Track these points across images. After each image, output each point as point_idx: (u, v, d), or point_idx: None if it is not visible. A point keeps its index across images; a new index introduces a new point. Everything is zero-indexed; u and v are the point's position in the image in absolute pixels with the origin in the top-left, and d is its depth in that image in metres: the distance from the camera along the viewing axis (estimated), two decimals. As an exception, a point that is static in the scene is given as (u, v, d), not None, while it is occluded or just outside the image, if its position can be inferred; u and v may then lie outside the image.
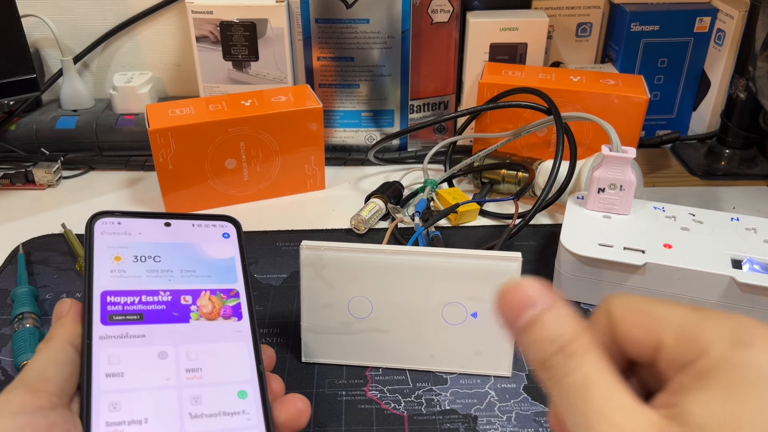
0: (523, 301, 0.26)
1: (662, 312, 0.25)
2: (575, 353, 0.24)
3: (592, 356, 0.24)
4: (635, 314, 0.25)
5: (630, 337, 0.25)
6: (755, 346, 0.22)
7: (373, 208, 0.63)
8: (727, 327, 0.23)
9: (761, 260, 0.50)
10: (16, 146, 0.73)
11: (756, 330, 0.23)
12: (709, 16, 0.74)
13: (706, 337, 0.23)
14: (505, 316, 0.26)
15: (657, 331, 0.25)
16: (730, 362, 0.22)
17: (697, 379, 0.23)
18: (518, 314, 0.26)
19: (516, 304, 0.26)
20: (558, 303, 0.25)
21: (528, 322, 0.25)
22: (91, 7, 0.78)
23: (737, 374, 0.22)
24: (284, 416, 0.35)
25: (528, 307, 0.26)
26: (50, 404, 0.30)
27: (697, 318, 0.24)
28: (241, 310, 0.38)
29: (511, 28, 0.72)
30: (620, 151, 0.54)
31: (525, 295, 0.26)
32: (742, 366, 0.22)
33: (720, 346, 0.23)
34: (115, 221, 0.38)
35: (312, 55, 0.71)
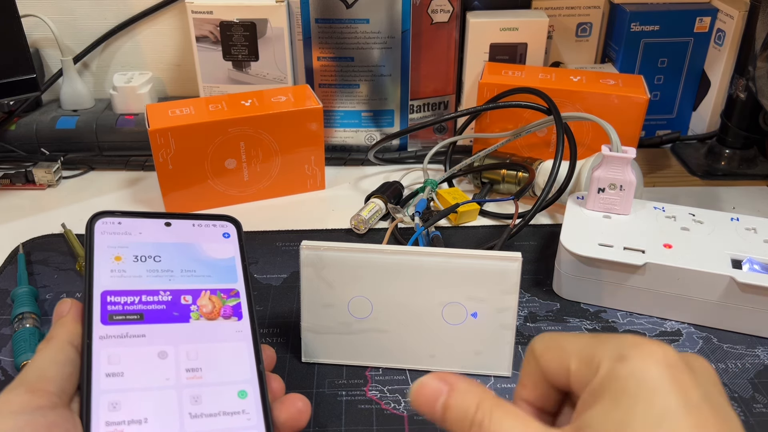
0: (432, 396, 0.30)
1: (569, 343, 0.29)
2: (482, 419, 0.28)
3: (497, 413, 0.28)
4: (549, 349, 0.29)
5: (549, 370, 0.29)
6: (632, 359, 0.26)
7: (373, 208, 0.63)
8: (614, 346, 0.27)
9: (761, 260, 0.50)
10: (16, 146, 0.73)
11: (634, 346, 0.26)
12: (709, 16, 0.74)
13: (598, 358, 0.27)
14: (428, 417, 0.30)
15: (565, 360, 0.28)
16: (613, 376, 0.26)
17: (592, 394, 0.26)
18: (433, 409, 0.30)
19: (427, 402, 0.30)
20: (456, 384, 0.30)
21: (441, 412, 0.29)
22: (91, 7, 0.78)
23: (619, 385, 0.26)
24: (284, 416, 0.35)
25: (437, 400, 0.29)
26: (50, 404, 0.30)
27: (593, 343, 0.28)
28: (241, 310, 0.38)
29: (511, 28, 0.72)
30: (620, 151, 0.54)
31: (429, 390, 0.30)
32: (622, 377, 0.26)
33: (606, 364, 0.26)
34: (115, 221, 0.38)
35: (312, 55, 0.71)
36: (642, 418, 0.25)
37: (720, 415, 0.26)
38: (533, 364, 0.30)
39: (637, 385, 0.25)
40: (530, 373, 0.30)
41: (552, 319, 0.52)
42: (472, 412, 0.28)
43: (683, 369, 0.26)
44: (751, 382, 0.46)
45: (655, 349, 0.26)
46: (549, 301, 0.54)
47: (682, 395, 0.25)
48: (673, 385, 0.25)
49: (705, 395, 0.26)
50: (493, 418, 0.28)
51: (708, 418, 0.25)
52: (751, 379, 0.46)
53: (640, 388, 0.25)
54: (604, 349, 0.27)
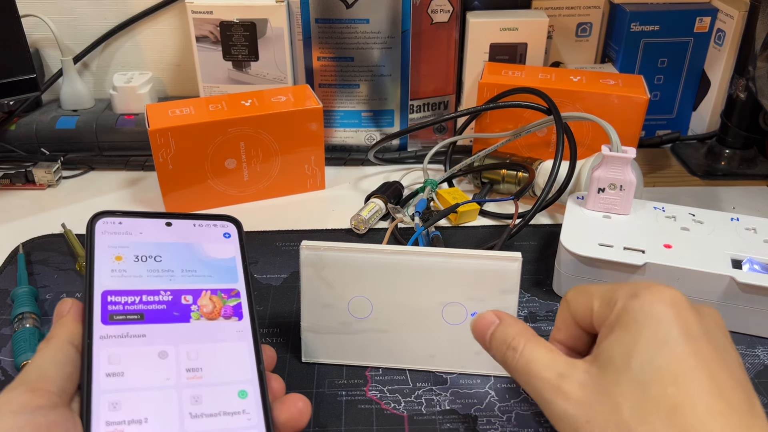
0: (484, 326, 0.37)
1: (594, 288, 0.34)
2: (517, 346, 0.34)
3: (529, 344, 0.34)
4: (578, 295, 0.35)
5: (577, 313, 0.35)
6: (642, 296, 0.31)
7: (373, 208, 0.63)
8: (630, 288, 0.32)
9: (761, 260, 0.50)
10: (16, 146, 0.73)
11: (646, 287, 0.31)
12: (709, 16, 0.74)
13: (615, 298, 0.32)
14: (479, 342, 0.37)
15: (590, 302, 0.34)
16: (626, 310, 0.31)
17: (608, 327, 0.32)
18: (484, 335, 0.37)
19: (481, 330, 0.37)
20: (505, 319, 0.36)
21: (489, 338, 0.36)
22: (91, 7, 0.78)
23: (630, 317, 0.31)
24: (284, 416, 0.35)
25: (488, 328, 0.37)
26: (50, 403, 0.30)
27: (613, 287, 0.33)
28: (241, 310, 0.38)
29: (511, 28, 0.72)
30: (620, 151, 0.54)
31: (484, 321, 0.37)
32: (633, 311, 0.31)
33: (621, 301, 0.32)
34: (116, 221, 0.38)
35: (312, 55, 0.71)
36: (646, 343, 0.29)
37: (718, 348, 0.30)
38: (565, 310, 0.36)
39: (645, 317, 0.30)
40: (562, 318, 0.36)
41: (552, 319, 0.52)
42: (510, 339, 0.35)
43: (688, 308, 0.31)
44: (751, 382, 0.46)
45: (664, 290, 0.31)
46: (549, 301, 0.54)
47: (683, 327, 0.30)
48: (676, 319, 0.30)
49: (705, 331, 0.30)
50: (527, 346, 0.34)
51: (705, 348, 0.29)
52: (751, 379, 0.46)
53: (648, 319, 0.30)
54: (622, 290, 0.32)
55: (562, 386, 0.31)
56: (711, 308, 0.32)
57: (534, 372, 0.33)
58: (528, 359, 0.33)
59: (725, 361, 0.30)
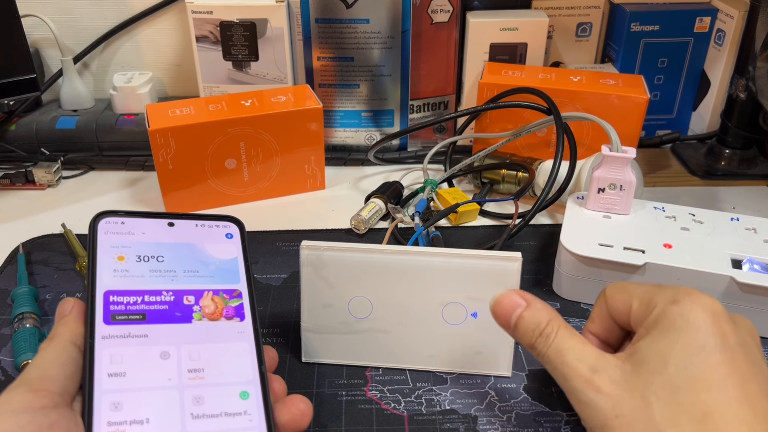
0: (510, 307, 0.36)
1: (634, 287, 0.35)
2: (549, 334, 0.34)
3: (562, 332, 0.34)
4: (618, 292, 0.36)
5: (614, 309, 0.36)
6: (682, 302, 0.32)
7: (373, 208, 0.63)
8: (670, 292, 0.33)
9: (761, 260, 0.50)
10: (16, 146, 0.73)
11: (687, 293, 0.32)
12: (709, 16, 0.74)
13: (655, 300, 0.33)
14: (501, 322, 0.37)
15: (629, 301, 0.35)
16: (665, 314, 0.32)
17: (646, 328, 0.32)
18: (509, 317, 0.36)
19: (505, 311, 0.36)
20: (533, 302, 0.36)
21: (515, 321, 0.36)
22: (91, 7, 0.78)
23: (668, 322, 0.31)
24: (286, 417, 0.36)
25: (514, 310, 0.36)
26: (52, 403, 0.30)
27: (654, 289, 0.34)
28: (243, 311, 0.38)
29: (511, 28, 0.72)
30: (620, 151, 0.54)
31: (509, 302, 0.36)
32: (672, 316, 0.31)
33: (661, 305, 0.32)
34: (118, 221, 0.38)
35: (312, 55, 0.71)
36: (683, 349, 0.30)
37: (751, 359, 0.30)
38: (602, 304, 0.37)
39: (684, 323, 0.31)
40: (599, 311, 0.37)
41: (552, 319, 0.52)
42: (543, 326, 0.34)
43: (726, 318, 0.31)
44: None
45: (705, 298, 0.32)
46: (549, 301, 0.54)
47: (720, 337, 0.30)
48: (713, 328, 0.31)
49: (741, 342, 0.31)
50: (559, 333, 0.34)
51: (739, 359, 0.30)
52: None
53: (686, 325, 0.31)
54: (662, 293, 0.33)
55: (594, 379, 0.32)
56: (746, 319, 0.33)
57: (566, 361, 0.33)
58: (559, 347, 0.33)
59: (756, 373, 0.30)
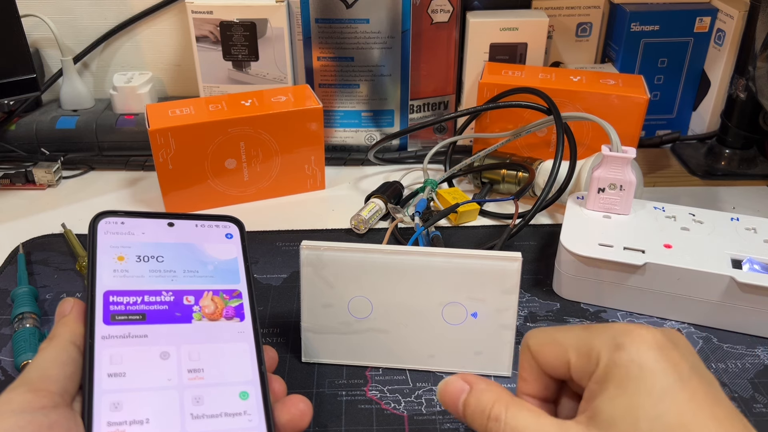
0: (454, 394, 0.34)
1: (563, 337, 0.32)
2: (498, 415, 0.31)
3: (511, 410, 0.31)
4: (545, 345, 0.33)
5: (547, 364, 0.33)
6: (627, 347, 0.29)
7: (373, 208, 0.63)
8: (608, 337, 0.30)
9: (761, 260, 0.50)
10: (16, 146, 0.73)
11: (627, 333, 0.30)
12: (709, 16, 0.74)
13: (596, 350, 0.30)
14: (451, 411, 0.34)
15: (564, 355, 0.32)
16: (615, 364, 0.29)
17: (598, 383, 0.30)
18: (455, 405, 0.34)
19: (451, 399, 0.34)
20: (475, 384, 0.33)
21: (462, 408, 0.33)
22: (91, 7, 0.78)
23: (621, 372, 0.29)
24: (286, 417, 0.35)
25: (459, 397, 0.33)
26: (52, 403, 0.30)
27: (587, 335, 0.31)
28: (243, 311, 0.38)
29: (511, 28, 0.72)
30: (620, 151, 0.54)
31: (453, 389, 0.34)
32: (622, 365, 0.29)
33: (606, 354, 0.30)
34: (118, 221, 0.38)
35: (312, 55, 0.71)
36: (646, 398, 0.28)
37: (705, 381, 0.29)
38: (530, 361, 0.34)
39: (639, 370, 0.29)
40: (529, 369, 0.34)
41: (552, 319, 0.52)
42: (489, 408, 0.32)
43: (671, 347, 0.30)
44: (751, 382, 0.46)
45: (645, 333, 0.30)
46: (549, 301, 0.54)
47: (675, 372, 0.29)
48: (666, 365, 0.29)
49: (691, 367, 0.29)
50: (509, 413, 0.31)
51: (698, 387, 0.29)
52: (751, 379, 0.47)
53: (641, 371, 0.29)
54: (600, 340, 0.31)
55: None
56: (677, 333, 0.31)
57: None
58: (515, 429, 0.31)
59: (715, 393, 0.29)
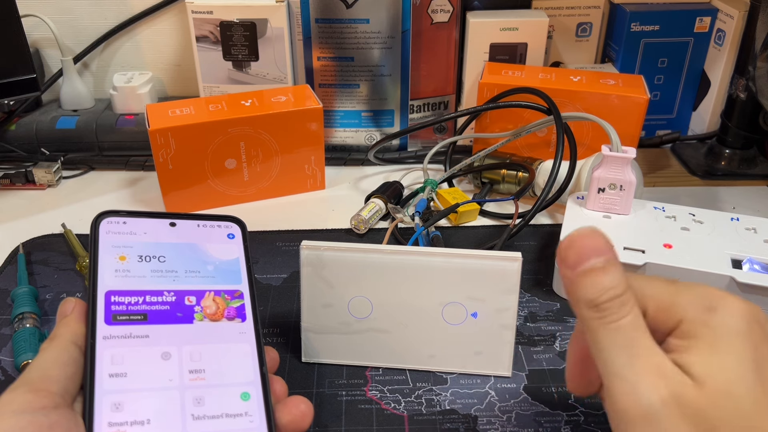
0: (593, 249, 0.30)
1: (643, 286, 0.31)
2: (628, 302, 0.29)
3: (637, 309, 0.30)
4: None
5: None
6: (720, 310, 0.29)
7: (373, 208, 0.63)
8: (698, 296, 0.30)
9: (761, 260, 0.50)
10: (16, 146, 0.73)
11: (718, 298, 0.29)
12: (709, 16, 0.74)
13: (681, 306, 0.30)
14: (569, 258, 0.30)
15: (640, 302, 0.30)
16: (705, 324, 0.29)
17: (683, 339, 0.29)
18: (585, 258, 0.30)
19: (585, 250, 0.30)
20: (618, 260, 0.30)
21: (593, 267, 0.30)
22: (91, 7, 0.78)
23: (713, 333, 0.29)
24: (287, 418, 0.35)
25: (597, 255, 0.30)
26: (53, 404, 0.30)
27: (672, 290, 0.30)
28: (245, 312, 0.38)
29: (511, 28, 0.72)
30: (620, 151, 0.54)
31: (596, 243, 0.30)
32: (715, 326, 0.29)
33: (693, 313, 0.29)
34: (120, 221, 0.38)
35: (312, 55, 0.71)
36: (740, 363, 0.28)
37: None
38: None
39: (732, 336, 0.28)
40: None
41: (552, 319, 0.52)
42: (623, 290, 0.30)
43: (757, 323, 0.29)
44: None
45: (737, 302, 0.29)
46: (549, 301, 0.54)
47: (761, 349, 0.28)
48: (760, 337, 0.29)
49: None
50: (635, 309, 0.30)
51: None
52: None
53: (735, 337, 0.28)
54: (687, 298, 0.30)
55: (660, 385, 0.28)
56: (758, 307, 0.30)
57: (641, 346, 0.29)
58: (636, 325, 0.29)
59: None
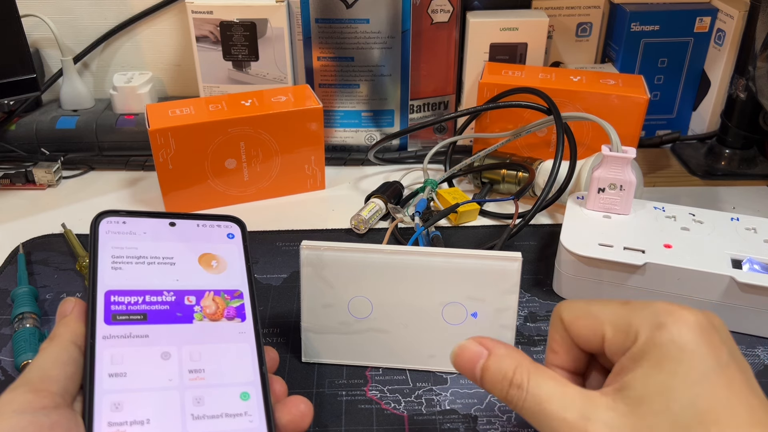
0: (469, 358, 0.32)
1: (599, 311, 0.31)
2: (521, 382, 0.30)
3: (536, 377, 0.30)
4: (581, 318, 0.32)
5: (580, 336, 0.32)
6: (669, 326, 0.29)
7: (373, 208, 0.63)
8: (649, 315, 0.30)
9: (761, 260, 0.50)
10: (16, 146, 0.73)
11: (669, 313, 0.29)
12: (709, 16, 0.74)
13: (635, 326, 0.30)
14: (466, 375, 0.33)
15: (599, 329, 0.31)
16: (654, 343, 0.29)
17: (633, 360, 0.29)
18: (472, 370, 0.32)
19: (467, 363, 0.33)
20: (495, 349, 0.32)
21: (480, 373, 0.32)
22: (91, 7, 0.78)
23: (660, 351, 0.29)
24: (286, 418, 0.35)
25: (476, 362, 0.32)
26: (53, 404, 0.30)
27: (626, 311, 0.31)
28: (244, 311, 0.38)
29: (511, 28, 0.72)
30: (620, 151, 0.54)
31: (468, 353, 0.33)
32: (662, 344, 0.29)
33: (645, 332, 0.29)
34: (120, 221, 0.38)
35: (312, 55, 0.71)
36: (682, 381, 0.28)
37: (741, 369, 0.29)
38: (562, 332, 0.33)
39: (679, 351, 0.28)
40: (560, 340, 0.33)
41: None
42: (510, 375, 0.31)
43: (712, 331, 0.29)
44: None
45: (687, 314, 0.29)
46: (549, 301, 0.54)
47: (714, 357, 0.28)
48: (707, 349, 0.28)
49: (730, 353, 0.29)
50: (532, 380, 0.30)
51: (735, 375, 0.28)
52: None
53: (681, 353, 0.28)
54: (640, 317, 0.30)
55: (589, 429, 0.28)
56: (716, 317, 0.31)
57: (550, 413, 0.29)
58: (538, 397, 0.30)
59: (749, 381, 0.29)
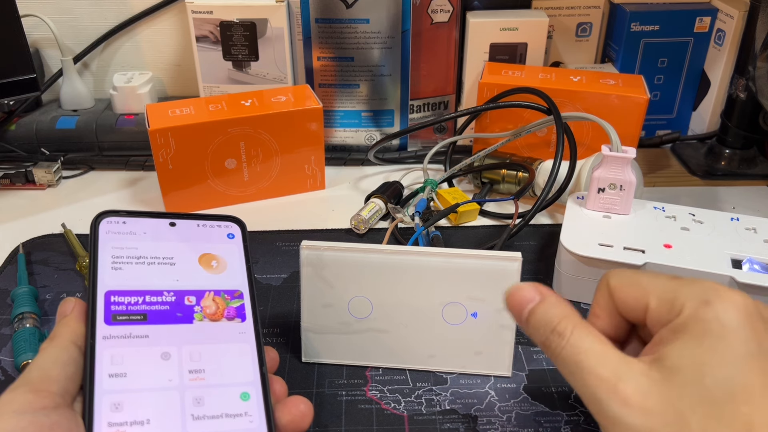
0: (521, 300, 0.34)
1: (647, 282, 0.32)
2: (564, 331, 0.31)
3: (579, 330, 0.31)
4: (627, 286, 0.33)
5: (624, 305, 0.33)
6: (715, 304, 0.29)
7: (373, 208, 0.63)
8: (697, 290, 0.30)
9: (761, 260, 0.50)
10: (16, 146, 0.73)
11: (717, 292, 0.30)
12: (709, 16, 0.74)
13: (681, 300, 0.30)
14: (513, 315, 0.34)
15: (644, 298, 0.32)
16: (697, 318, 0.29)
17: (673, 332, 0.30)
18: (520, 311, 0.34)
19: (517, 304, 0.34)
20: (547, 296, 0.33)
21: (527, 315, 0.33)
22: (91, 7, 0.78)
23: (702, 326, 0.29)
24: (287, 418, 0.35)
25: (526, 304, 0.33)
26: (53, 404, 0.30)
27: (674, 285, 0.31)
28: (244, 312, 0.38)
29: (511, 28, 0.72)
30: (620, 151, 0.54)
31: (521, 295, 0.34)
32: (706, 320, 0.29)
33: (690, 306, 0.30)
34: (120, 221, 0.38)
35: (312, 55, 0.71)
36: (721, 358, 0.28)
37: None
38: (607, 298, 0.34)
39: (721, 328, 0.29)
40: (604, 305, 0.34)
41: (552, 319, 0.52)
42: (555, 322, 0.32)
43: (757, 317, 0.29)
44: None
45: (736, 296, 0.29)
46: (549, 301, 0.54)
47: (756, 342, 0.28)
48: (750, 332, 0.28)
49: None
50: (575, 332, 0.31)
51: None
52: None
53: (723, 330, 0.28)
54: (687, 292, 0.30)
55: (620, 388, 0.29)
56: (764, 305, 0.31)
57: (585, 366, 0.30)
58: (577, 348, 0.30)
59: None
